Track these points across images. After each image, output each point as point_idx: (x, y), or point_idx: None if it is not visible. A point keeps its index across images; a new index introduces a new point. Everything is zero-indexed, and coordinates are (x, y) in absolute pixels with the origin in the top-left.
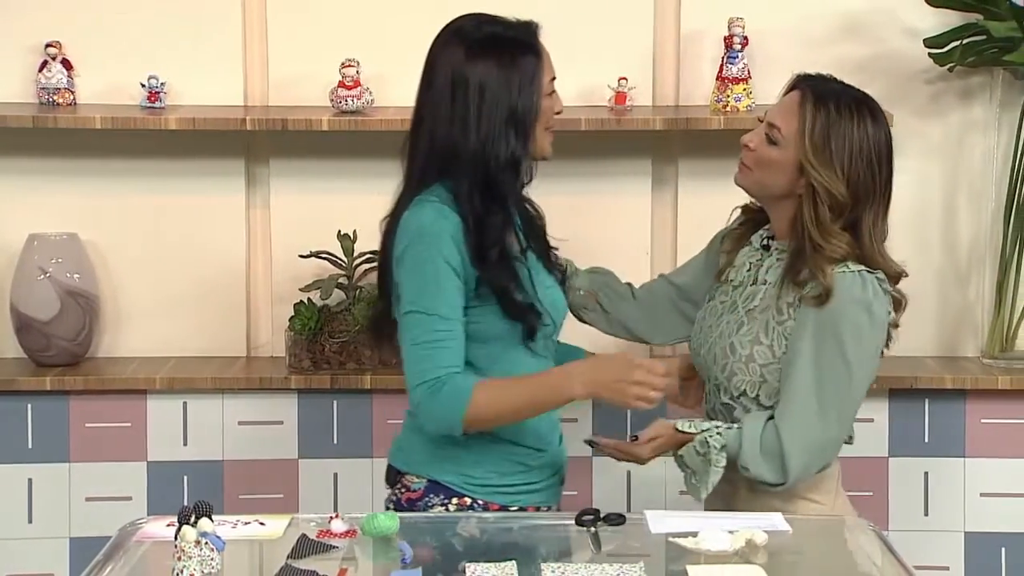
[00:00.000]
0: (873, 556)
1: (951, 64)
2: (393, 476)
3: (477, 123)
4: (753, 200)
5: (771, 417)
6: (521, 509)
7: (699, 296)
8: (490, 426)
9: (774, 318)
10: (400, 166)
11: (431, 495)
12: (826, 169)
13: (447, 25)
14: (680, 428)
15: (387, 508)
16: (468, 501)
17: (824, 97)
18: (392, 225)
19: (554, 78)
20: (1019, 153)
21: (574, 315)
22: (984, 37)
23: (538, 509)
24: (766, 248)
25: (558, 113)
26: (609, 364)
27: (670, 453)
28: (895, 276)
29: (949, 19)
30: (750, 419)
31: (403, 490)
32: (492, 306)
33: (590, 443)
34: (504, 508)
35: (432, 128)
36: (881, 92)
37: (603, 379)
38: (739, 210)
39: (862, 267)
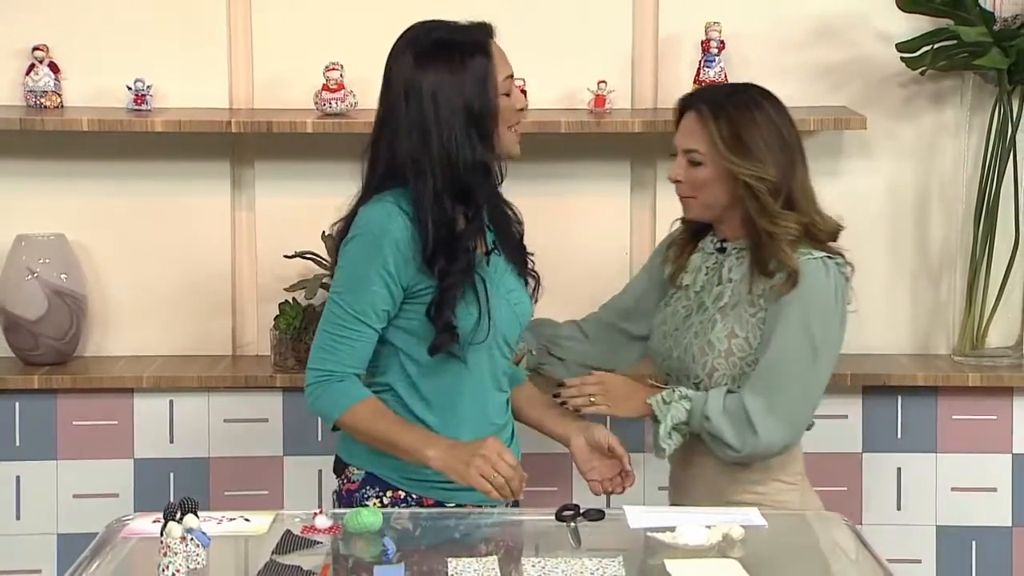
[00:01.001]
0: (847, 550)
1: (923, 68)
2: (339, 466)
3: (437, 129)
4: None
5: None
6: (459, 506)
7: (648, 312)
8: (355, 438)
9: (747, 311)
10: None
11: (367, 487)
12: (750, 162)
13: (401, 35)
14: (651, 383)
15: (332, 500)
16: (402, 494)
17: (717, 103)
18: (344, 229)
19: (511, 76)
20: (989, 155)
21: (534, 372)
22: (955, 42)
23: (479, 507)
24: (721, 250)
25: (521, 110)
26: (467, 446)
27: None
28: (835, 230)
29: (921, 24)
30: (715, 388)
31: (345, 481)
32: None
33: (555, 395)
34: (440, 504)
35: (391, 139)
36: (855, 95)
37: (455, 457)
38: (679, 221)
39: (823, 253)
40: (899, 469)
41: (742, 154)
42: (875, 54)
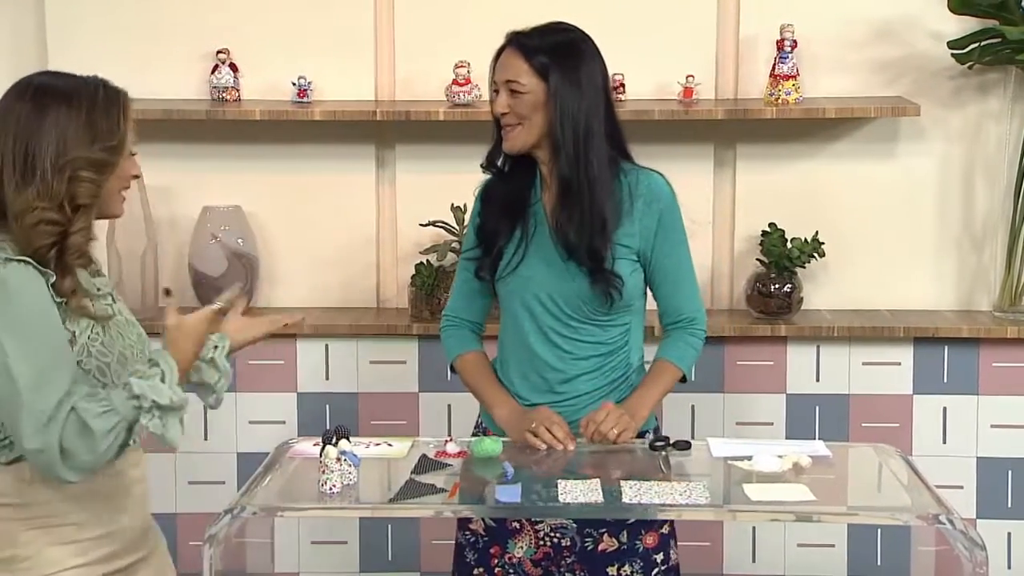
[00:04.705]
0: (900, 476)
1: (970, 63)
2: None
3: None
4: None
5: None
6: None
7: None
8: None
9: None
10: None
11: (479, 416)
12: None
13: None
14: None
15: None
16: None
17: None
18: None
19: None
20: None
21: None
22: (1000, 39)
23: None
24: None
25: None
26: (525, 412)
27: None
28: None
29: (969, 24)
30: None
31: None
32: None
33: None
34: None
35: None
36: (910, 87)
37: (513, 420)
38: None
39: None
40: (944, 408)
41: None
42: (928, 51)
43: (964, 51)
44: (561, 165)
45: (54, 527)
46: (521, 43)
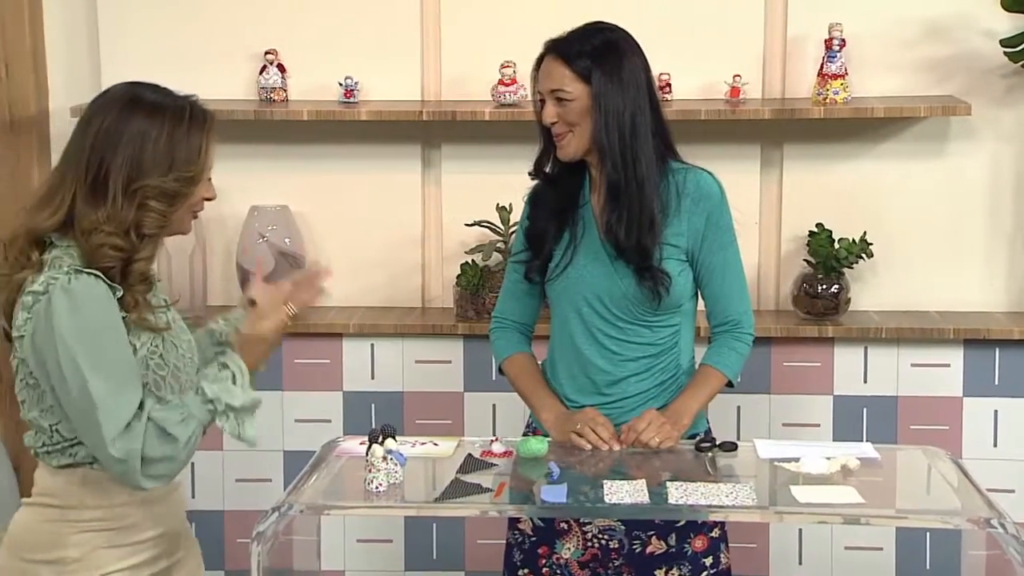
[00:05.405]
0: (949, 479)
1: (1023, 61)
2: None
3: None
4: None
5: None
6: None
7: None
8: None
9: None
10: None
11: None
12: None
13: None
14: None
15: None
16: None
17: None
18: None
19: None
20: None
21: None
22: None
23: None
24: None
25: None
26: (570, 415)
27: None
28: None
29: (1022, 22)
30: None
31: None
32: None
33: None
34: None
35: None
36: (960, 86)
37: (559, 422)
38: None
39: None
40: (996, 411)
41: None
42: (979, 49)
43: (1016, 49)
44: (609, 166)
45: (104, 531)
46: (561, 49)
